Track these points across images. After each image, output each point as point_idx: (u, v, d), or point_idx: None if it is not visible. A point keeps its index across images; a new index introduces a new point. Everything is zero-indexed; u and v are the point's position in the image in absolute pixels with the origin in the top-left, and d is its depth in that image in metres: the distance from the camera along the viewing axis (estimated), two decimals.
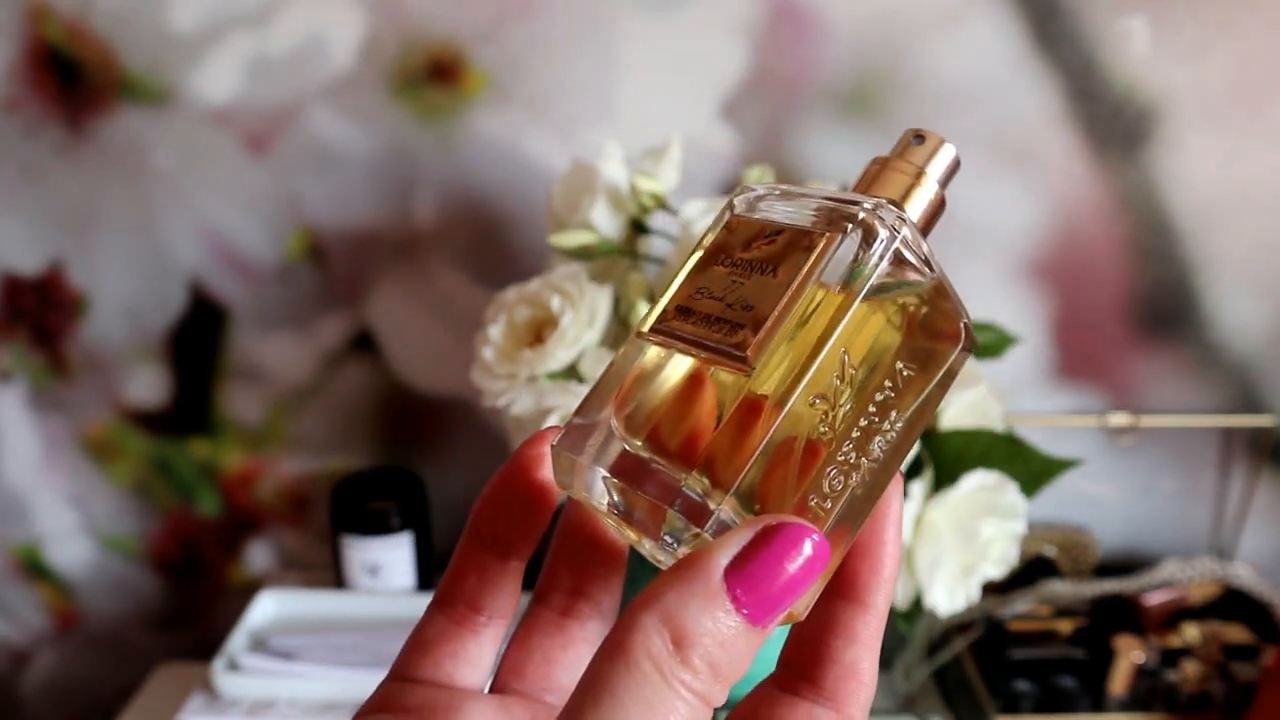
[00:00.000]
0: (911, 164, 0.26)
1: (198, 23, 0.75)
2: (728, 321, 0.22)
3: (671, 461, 0.22)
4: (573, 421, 0.24)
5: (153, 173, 0.79)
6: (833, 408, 0.22)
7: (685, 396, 0.23)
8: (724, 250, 0.24)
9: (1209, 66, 0.73)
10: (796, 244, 0.23)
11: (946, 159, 0.26)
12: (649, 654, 0.19)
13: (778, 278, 0.22)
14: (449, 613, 0.25)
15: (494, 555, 0.25)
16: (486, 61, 0.75)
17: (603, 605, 0.26)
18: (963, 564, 0.60)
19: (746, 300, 0.22)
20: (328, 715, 0.68)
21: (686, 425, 0.23)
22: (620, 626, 0.20)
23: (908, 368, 0.23)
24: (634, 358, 0.24)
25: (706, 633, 0.19)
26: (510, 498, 0.24)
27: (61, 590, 0.91)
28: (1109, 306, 0.79)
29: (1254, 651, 0.74)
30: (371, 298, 0.82)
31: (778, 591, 0.20)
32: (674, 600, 0.19)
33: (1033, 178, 0.76)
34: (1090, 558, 0.82)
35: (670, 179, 0.63)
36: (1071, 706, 0.71)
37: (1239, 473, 0.83)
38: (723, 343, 0.22)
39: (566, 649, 0.25)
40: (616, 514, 0.23)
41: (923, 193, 0.25)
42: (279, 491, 0.87)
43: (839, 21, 0.74)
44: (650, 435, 0.23)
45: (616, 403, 0.23)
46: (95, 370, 0.84)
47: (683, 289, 0.24)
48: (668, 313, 0.24)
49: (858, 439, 0.22)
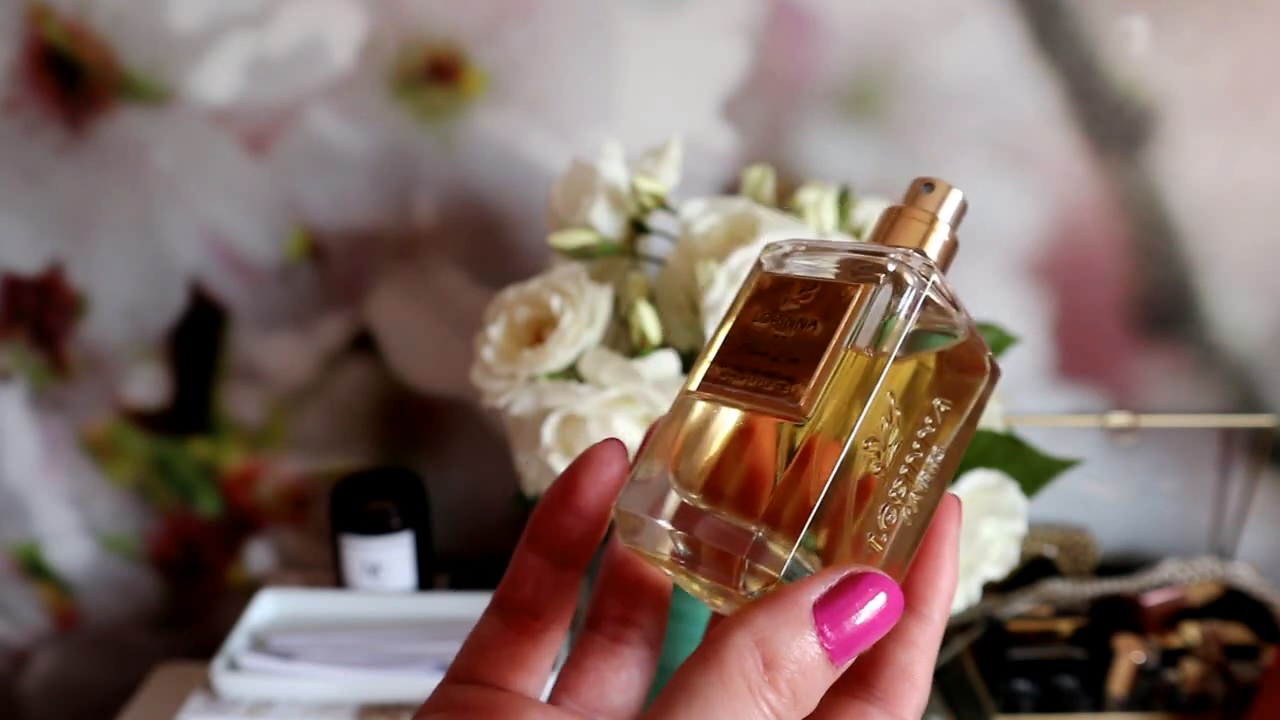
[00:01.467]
0: (925, 211, 0.27)
1: (198, 23, 0.75)
2: (776, 376, 0.24)
3: (732, 511, 0.23)
4: (632, 479, 0.25)
5: (153, 173, 0.79)
6: (883, 448, 0.23)
7: (738, 448, 0.24)
8: (761, 307, 0.25)
9: (1209, 66, 0.73)
10: (833, 297, 0.24)
11: (955, 203, 0.27)
12: (742, 671, 0.21)
13: (819, 330, 0.24)
14: (507, 618, 0.25)
15: (551, 564, 0.25)
16: (486, 61, 0.75)
17: (649, 633, 0.27)
18: (963, 564, 0.60)
19: (792, 353, 0.24)
20: (328, 715, 0.68)
21: (741, 475, 0.24)
22: (715, 643, 0.21)
23: (944, 403, 0.25)
24: (684, 415, 0.25)
25: (794, 659, 0.21)
26: (567, 510, 0.25)
27: (61, 590, 0.91)
28: (1109, 306, 0.79)
29: (1254, 651, 0.74)
30: (371, 298, 0.82)
31: (857, 633, 0.22)
32: (767, 625, 0.21)
33: (1033, 178, 0.76)
34: (1090, 558, 0.82)
35: (670, 179, 0.63)
36: (1071, 707, 0.71)
37: (1239, 473, 0.83)
38: (775, 396, 0.23)
39: (619, 671, 0.26)
40: (681, 564, 0.24)
41: (938, 237, 0.27)
42: (279, 491, 0.87)
43: (839, 21, 0.74)
44: (708, 487, 0.24)
45: (672, 459, 0.25)
46: (95, 370, 0.84)
47: (725, 347, 0.25)
48: (713, 371, 0.25)
49: (905, 475, 0.24)
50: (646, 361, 0.56)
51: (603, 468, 0.25)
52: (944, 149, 0.76)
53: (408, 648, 0.72)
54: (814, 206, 0.61)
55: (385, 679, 0.69)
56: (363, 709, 0.69)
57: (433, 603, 0.78)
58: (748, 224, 0.58)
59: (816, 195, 0.62)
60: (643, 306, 0.58)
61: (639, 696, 0.27)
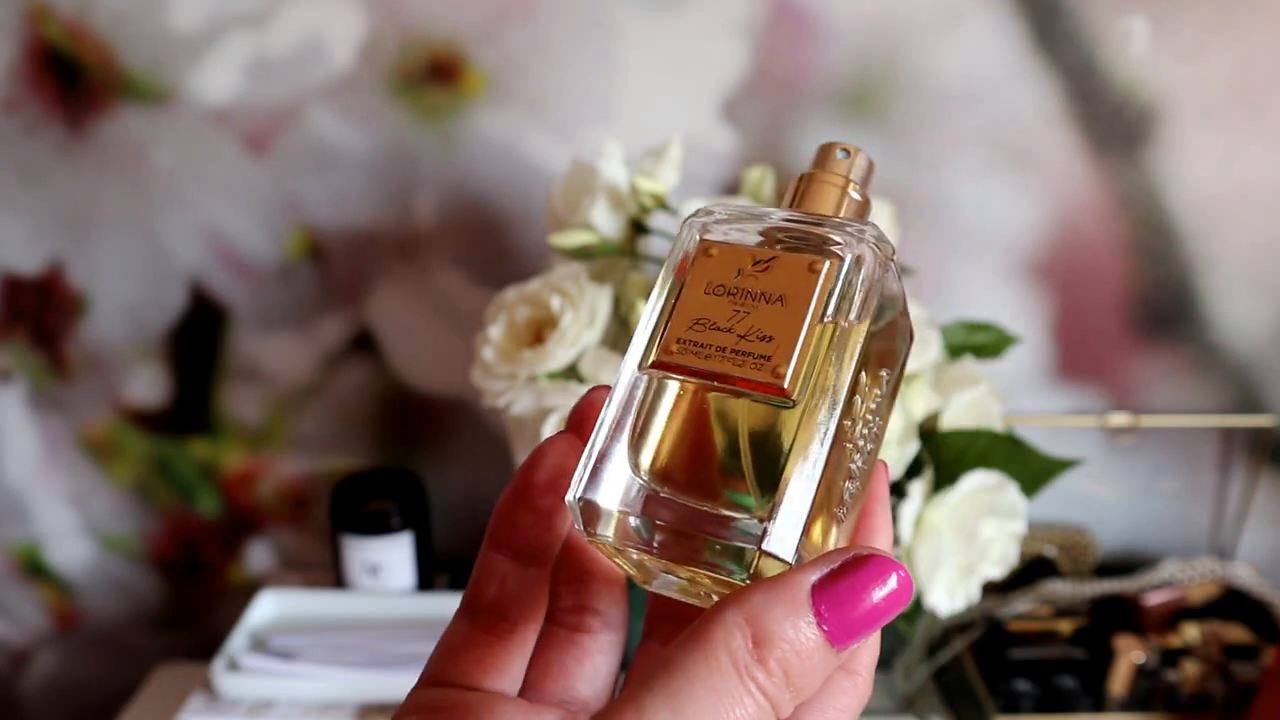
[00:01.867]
0: (839, 175, 0.27)
1: (198, 23, 0.75)
2: (749, 354, 0.23)
3: (698, 497, 0.23)
4: (585, 463, 0.24)
5: (153, 173, 0.79)
6: (855, 424, 0.23)
7: (698, 427, 0.24)
8: (710, 278, 0.24)
9: (1209, 66, 0.73)
10: (796, 271, 0.24)
11: (864, 165, 0.27)
12: (728, 647, 0.20)
13: (788, 305, 0.23)
14: (474, 620, 0.25)
15: (514, 563, 0.25)
16: (486, 62, 0.75)
17: (610, 617, 0.26)
18: (963, 564, 0.60)
19: (761, 330, 0.23)
20: (328, 715, 0.68)
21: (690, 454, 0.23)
22: (703, 619, 0.20)
23: (887, 371, 0.25)
24: (639, 392, 0.24)
25: (786, 639, 0.20)
26: (524, 508, 0.25)
27: (61, 590, 0.91)
28: (1109, 306, 0.79)
29: (1254, 651, 0.74)
30: (371, 298, 0.82)
31: (860, 617, 0.21)
32: (760, 603, 0.20)
33: (1032, 178, 0.76)
34: (1090, 558, 0.82)
35: (670, 179, 0.63)
36: (1071, 706, 0.71)
37: (1239, 473, 0.83)
38: (755, 375, 0.23)
39: (582, 661, 0.26)
40: (649, 551, 0.23)
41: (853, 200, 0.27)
42: (279, 491, 0.87)
43: (839, 21, 0.74)
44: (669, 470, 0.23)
45: (631, 441, 0.24)
46: (95, 370, 0.84)
47: (678, 319, 0.24)
48: (669, 345, 0.24)
49: (860, 446, 0.24)
50: None
51: (555, 462, 0.24)
52: (944, 149, 0.76)
53: (408, 648, 0.72)
54: None
55: (385, 679, 0.69)
56: (363, 709, 0.69)
57: (433, 603, 0.78)
58: None
59: None
60: (643, 306, 0.58)
61: (606, 684, 0.26)
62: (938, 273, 0.78)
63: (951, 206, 0.77)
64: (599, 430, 0.24)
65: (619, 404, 0.24)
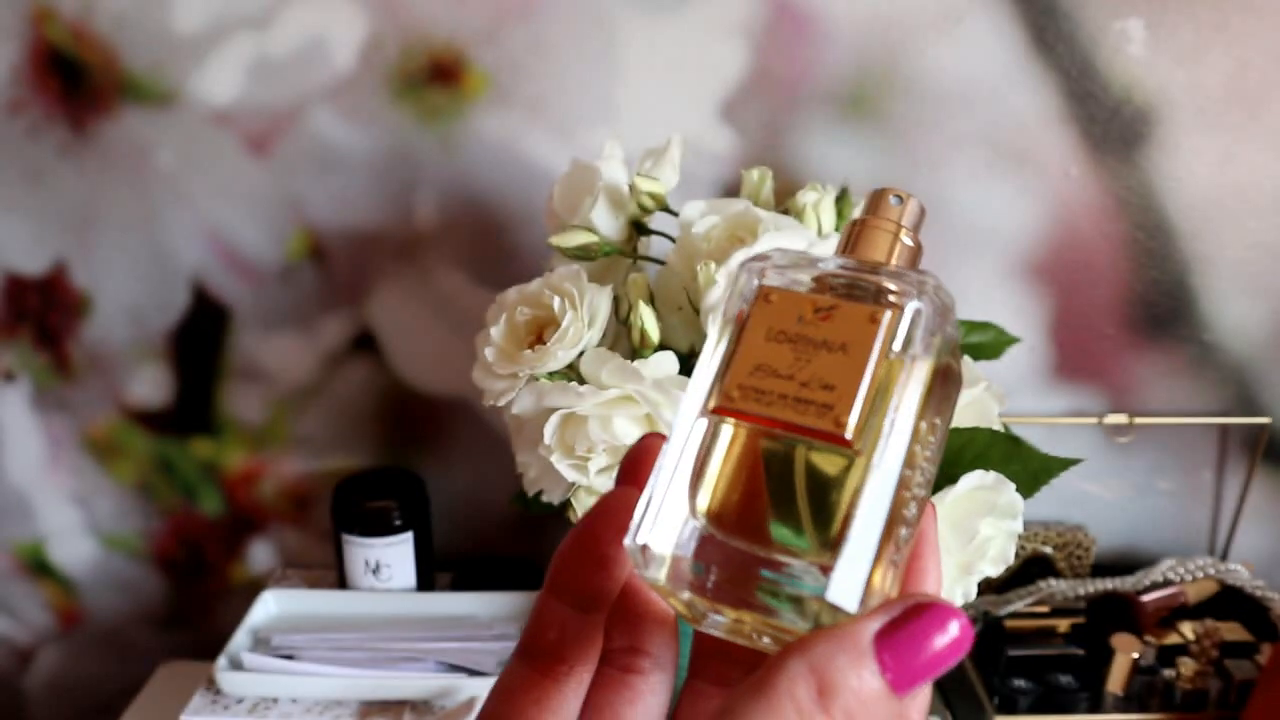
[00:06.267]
0: (891, 220, 0.27)
1: (200, 24, 0.75)
2: (811, 401, 0.23)
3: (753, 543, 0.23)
4: (643, 508, 0.24)
5: (155, 173, 0.79)
6: (913, 472, 0.24)
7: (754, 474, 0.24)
8: (770, 325, 0.25)
9: (1206, 68, 0.74)
10: (857, 319, 0.24)
11: (916, 211, 0.27)
12: (792, 696, 0.20)
13: (849, 354, 0.24)
14: (532, 663, 0.25)
15: (573, 609, 0.25)
16: (487, 62, 0.76)
17: (661, 659, 0.26)
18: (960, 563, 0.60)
19: (823, 379, 0.23)
20: (330, 713, 0.68)
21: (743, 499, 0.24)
22: (768, 668, 0.21)
23: (939, 417, 0.25)
24: (697, 439, 0.25)
25: (850, 689, 0.20)
26: (586, 557, 0.25)
27: (65, 589, 0.91)
28: (1106, 307, 0.80)
29: (1250, 649, 0.74)
30: (373, 298, 0.82)
31: (922, 664, 0.21)
32: (823, 652, 0.21)
33: (1031, 178, 0.77)
34: (1087, 556, 0.82)
35: (670, 179, 0.64)
36: (1069, 705, 0.71)
37: (1235, 472, 0.83)
38: (818, 424, 0.23)
39: (634, 703, 0.26)
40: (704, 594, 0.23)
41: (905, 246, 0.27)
42: (281, 491, 0.88)
43: (838, 22, 0.74)
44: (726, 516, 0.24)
45: (688, 485, 0.24)
46: (98, 370, 0.84)
47: (739, 365, 0.24)
48: (730, 391, 0.24)
49: (916, 494, 0.24)
50: (646, 361, 0.57)
51: (618, 516, 0.25)
52: (942, 150, 0.76)
53: (409, 646, 0.73)
54: (813, 207, 0.62)
55: (386, 678, 0.70)
56: (364, 707, 0.69)
57: (434, 602, 0.78)
58: (747, 225, 0.59)
59: (816, 196, 0.62)
60: (643, 307, 0.58)
61: None
62: (937, 272, 0.78)
63: (950, 207, 0.77)
64: (657, 474, 0.24)
65: (677, 449, 0.24)
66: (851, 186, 0.67)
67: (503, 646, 0.73)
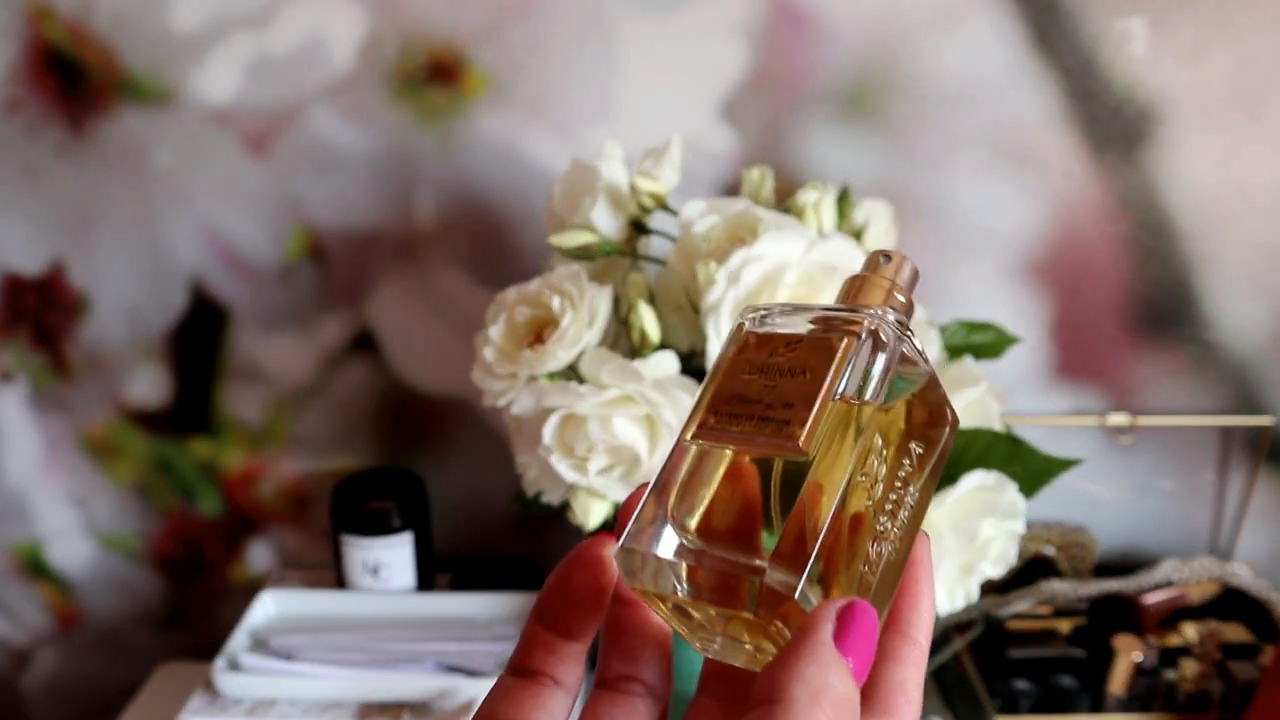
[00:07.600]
0: (885, 278, 0.30)
1: (198, 23, 0.75)
2: (773, 420, 0.26)
3: (728, 548, 0.25)
4: (635, 522, 0.26)
5: (153, 173, 0.79)
6: (873, 484, 0.26)
7: (729, 489, 0.26)
8: (748, 362, 0.27)
9: (1207, 67, 0.73)
10: (818, 348, 0.27)
11: (909, 271, 0.30)
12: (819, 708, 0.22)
13: (809, 378, 0.26)
14: (521, 677, 0.27)
15: (559, 637, 0.27)
16: (486, 62, 0.75)
17: (657, 687, 0.28)
18: (962, 563, 0.60)
19: (785, 399, 0.26)
20: (328, 714, 0.68)
21: (734, 514, 0.26)
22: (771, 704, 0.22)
23: (919, 446, 0.27)
24: (678, 462, 0.27)
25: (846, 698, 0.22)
26: (572, 591, 0.27)
27: (63, 590, 0.91)
28: (1108, 307, 0.79)
29: (1253, 650, 0.74)
30: (372, 298, 0.82)
31: (867, 657, 0.23)
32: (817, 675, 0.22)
33: (1032, 178, 0.76)
34: (1089, 557, 0.82)
35: (670, 179, 0.64)
36: (1071, 706, 0.71)
37: (1237, 473, 0.83)
38: (774, 437, 0.25)
39: (632, 715, 0.28)
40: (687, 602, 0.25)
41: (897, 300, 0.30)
42: (280, 491, 0.87)
43: (839, 22, 0.74)
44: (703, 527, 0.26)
45: (676, 501, 0.26)
46: (96, 370, 0.84)
47: (716, 398, 0.27)
48: (707, 419, 0.27)
49: (890, 510, 0.26)
50: (646, 361, 0.56)
51: (595, 565, 0.27)
52: (943, 149, 0.76)
53: (408, 647, 0.72)
54: (813, 207, 0.62)
55: (385, 678, 0.69)
56: (363, 708, 0.69)
57: (433, 602, 0.78)
58: (747, 224, 0.59)
59: (816, 196, 0.62)
60: (643, 306, 0.58)
61: None
62: (937, 273, 0.78)
63: (951, 207, 0.77)
64: (645, 496, 0.27)
65: (667, 471, 0.27)
66: (852, 186, 0.67)
67: (502, 647, 0.72)
